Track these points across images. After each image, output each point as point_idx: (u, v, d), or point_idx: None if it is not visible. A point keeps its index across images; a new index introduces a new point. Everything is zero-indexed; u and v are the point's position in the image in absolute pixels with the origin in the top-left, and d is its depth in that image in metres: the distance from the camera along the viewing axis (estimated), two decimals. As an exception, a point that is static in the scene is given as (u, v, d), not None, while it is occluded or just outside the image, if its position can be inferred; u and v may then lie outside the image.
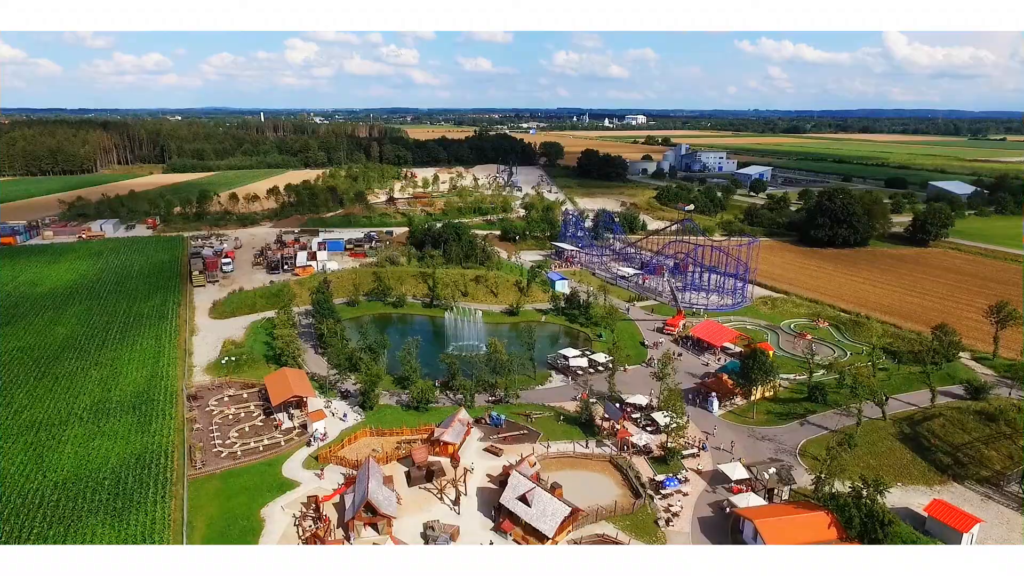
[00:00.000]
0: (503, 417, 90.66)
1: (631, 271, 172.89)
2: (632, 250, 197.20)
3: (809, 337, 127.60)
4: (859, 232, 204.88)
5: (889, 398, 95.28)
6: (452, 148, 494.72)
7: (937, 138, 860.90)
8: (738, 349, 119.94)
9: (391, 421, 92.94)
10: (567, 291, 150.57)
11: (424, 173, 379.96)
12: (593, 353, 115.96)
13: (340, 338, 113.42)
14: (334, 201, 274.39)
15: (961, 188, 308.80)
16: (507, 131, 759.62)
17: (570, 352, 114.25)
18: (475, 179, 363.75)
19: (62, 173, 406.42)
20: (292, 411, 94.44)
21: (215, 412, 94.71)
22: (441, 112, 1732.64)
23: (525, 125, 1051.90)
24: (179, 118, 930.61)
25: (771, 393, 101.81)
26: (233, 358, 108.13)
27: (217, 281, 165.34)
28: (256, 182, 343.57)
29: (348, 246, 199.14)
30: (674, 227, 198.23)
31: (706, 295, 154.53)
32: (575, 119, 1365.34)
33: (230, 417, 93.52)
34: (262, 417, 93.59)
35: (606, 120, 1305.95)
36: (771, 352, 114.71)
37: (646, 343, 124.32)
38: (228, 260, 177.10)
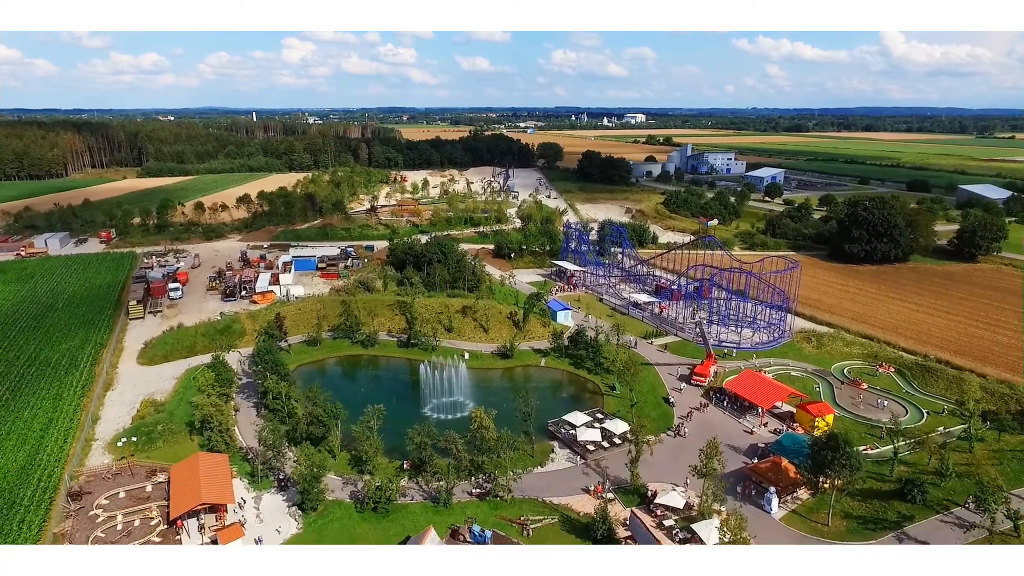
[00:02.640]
0: (488, 533, 65.93)
1: (645, 298, 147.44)
2: (644, 268, 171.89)
3: (865, 386, 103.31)
4: (900, 246, 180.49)
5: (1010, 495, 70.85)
6: (445, 149, 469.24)
7: (943, 136, 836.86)
8: (789, 408, 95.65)
9: (337, 532, 68.47)
10: (571, 325, 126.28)
11: (415, 177, 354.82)
12: (605, 419, 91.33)
13: (285, 399, 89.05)
14: (312, 210, 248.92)
15: (994, 192, 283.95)
16: (504, 131, 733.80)
17: (577, 419, 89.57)
18: (468, 183, 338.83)
19: (28, 178, 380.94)
20: (203, 517, 69.91)
21: (100, 519, 70.12)
22: (438, 111, 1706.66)
23: (523, 124, 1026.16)
24: (171, 118, 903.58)
25: (841, 481, 77.27)
26: (134, 438, 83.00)
27: (160, 311, 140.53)
28: (235, 187, 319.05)
29: (321, 264, 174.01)
30: (692, 241, 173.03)
31: (736, 329, 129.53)
32: (573, 118, 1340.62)
33: (118, 528, 68.93)
34: (163, 527, 69.06)
35: (605, 119, 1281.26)
36: (831, 416, 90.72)
37: (671, 400, 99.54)
38: (177, 285, 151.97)
